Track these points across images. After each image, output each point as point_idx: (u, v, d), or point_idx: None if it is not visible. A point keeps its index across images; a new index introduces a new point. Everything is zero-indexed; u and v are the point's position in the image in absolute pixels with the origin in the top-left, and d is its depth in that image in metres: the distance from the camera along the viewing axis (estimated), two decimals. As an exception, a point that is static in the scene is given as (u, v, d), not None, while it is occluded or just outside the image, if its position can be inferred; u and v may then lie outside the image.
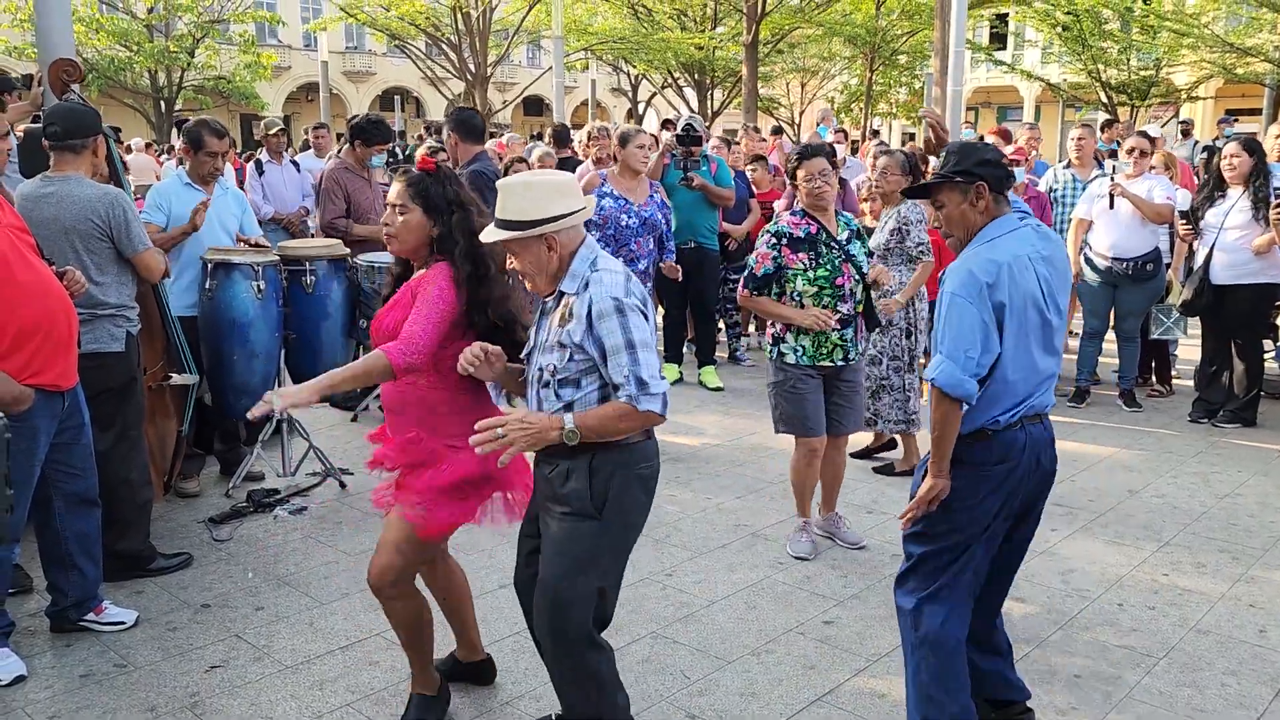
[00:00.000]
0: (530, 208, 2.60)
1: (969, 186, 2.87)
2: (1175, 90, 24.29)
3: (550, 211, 2.60)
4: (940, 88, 14.83)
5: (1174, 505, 5.18)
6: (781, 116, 31.07)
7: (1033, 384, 2.86)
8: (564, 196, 2.64)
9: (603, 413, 2.58)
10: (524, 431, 2.54)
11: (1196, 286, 6.49)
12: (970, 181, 2.87)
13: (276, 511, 5.01)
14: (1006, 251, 2.80)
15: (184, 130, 5.35)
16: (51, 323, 3.37)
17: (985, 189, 2.86)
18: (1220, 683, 3.45)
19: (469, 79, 23.50)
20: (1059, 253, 2.93)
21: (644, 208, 5.98)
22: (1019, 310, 2.78)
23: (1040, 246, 2.87)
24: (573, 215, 2.63)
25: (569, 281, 2.65)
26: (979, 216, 2.89)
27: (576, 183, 2.79)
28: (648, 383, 2.55)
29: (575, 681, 2.76)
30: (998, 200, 2.89)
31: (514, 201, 2.63)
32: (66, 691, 3.37)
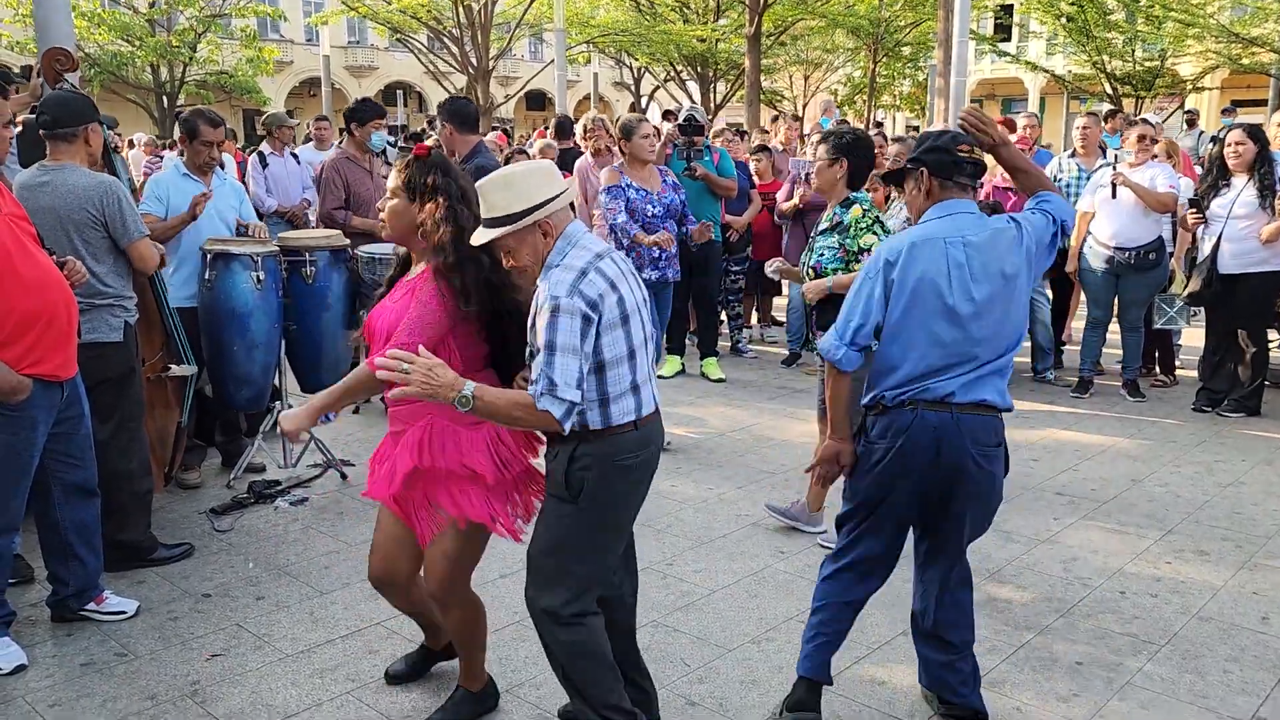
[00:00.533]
0: (518, 199, 2.58)
1: (914, 172, 3.00)
2: (1180, 81, 24.20)
3: (539, 197, 2.59)
4: (944, 79, 14.79)
5: (1177, 494, 5.16)
6: (784, 109, 31.03)
7: (926, 366, 2.84)
8: (548, 181, 2.63)
9: (507, 396, 2.57)
10: (426, 379, 2.48)
11: (1205, 277, 6.46)
12: (915, 167, 2.99)
13: (277, 502, 5.02)
14: (924, 232, 2.90)
15: (180, 120, 5.35)
16: (52, 313, 3.36)
17: (925, 173, 2.96)
18: (1222, 669, 3.44)
19: (471, 73, 23.49)
20: (997, 240, 2.88)
21: (663, 195, 6.16)
22: (910, 289, 2.84)
23: (970, 232, 2.88)
24: (560, 197, 2.62)
25: (543, 272, 2.63)
26: (924, 201, 2.99)
27: (554, 167, 2.72)
28: (556, 385, 2.49)
29: (553, 655, 2.78)
30: (943, 185, 2.95)
31: (499, 197, 2.60)
32: (67, 680, 3.37)
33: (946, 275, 2.82)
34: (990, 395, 2.88)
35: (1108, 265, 6.76)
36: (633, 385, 2.67)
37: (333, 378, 5.40)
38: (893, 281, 2.85)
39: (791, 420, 6.54)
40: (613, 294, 2.60)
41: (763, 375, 7.86)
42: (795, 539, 4.58)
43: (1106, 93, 23.71)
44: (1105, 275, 6.82)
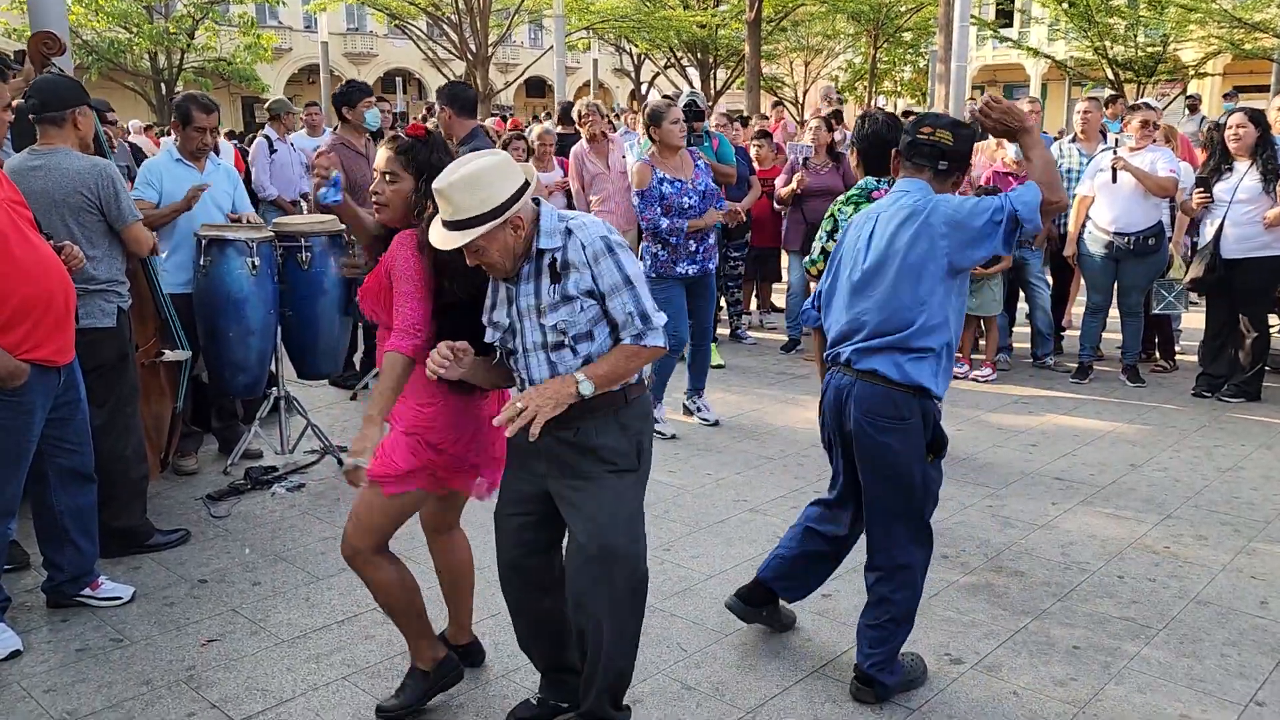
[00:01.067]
0: (489, 197, 2.51)
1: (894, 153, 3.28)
2: (1182, 66, 24.08)
3: (507, 194, 2.52)
4: (945, 65, 14.72)
5: (1176, 479, 5.15)
6: (785, 95, 30.90)
7: (838, 331, 3.15)
8: (509, 175, 2.56)
9: (611, 359, 2.59)
10: (542, 397, 2.53)
11: (1208, 262, 6.42)
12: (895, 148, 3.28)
13: (274, 488, 5.01)
14: (873, 207, 3.19)
15: (173, 105, 5.32)
16: (49, 298, 3.35)
17: (895, 154, 3.26)
18: (1220, 653, 3.43)
19: (470, 59, 23.39)
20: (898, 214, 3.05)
21: (697, 182, 5.73)
22: (838, 257, 3.22)
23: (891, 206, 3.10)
24: (527, 189, 2.56)
25: (546, 239, 2.60)
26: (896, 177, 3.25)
27: (509, 158, 2.64)
28: (650, 316, 2.60)
29: (632, 638, 2.77)
30: (902, 165, 3.19)
31: (467, 198, 2.51)
32: (62, 665, 3.37)
33: (854, 246, 3.14)
34: (883, 366, 3.01)
35: (1107, 251, 6.73)
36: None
37: (329, 364, 5.42)
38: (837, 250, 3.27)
39: (790, 406, 6.52)
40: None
41: (762, 361, 7.84)
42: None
43: (1108, 78, 23.59)
44: (1105, 260, 6.79)
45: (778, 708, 3.11)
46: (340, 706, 3.12)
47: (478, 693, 3.23)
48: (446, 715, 3.11)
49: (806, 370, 7.46)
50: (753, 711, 3.10)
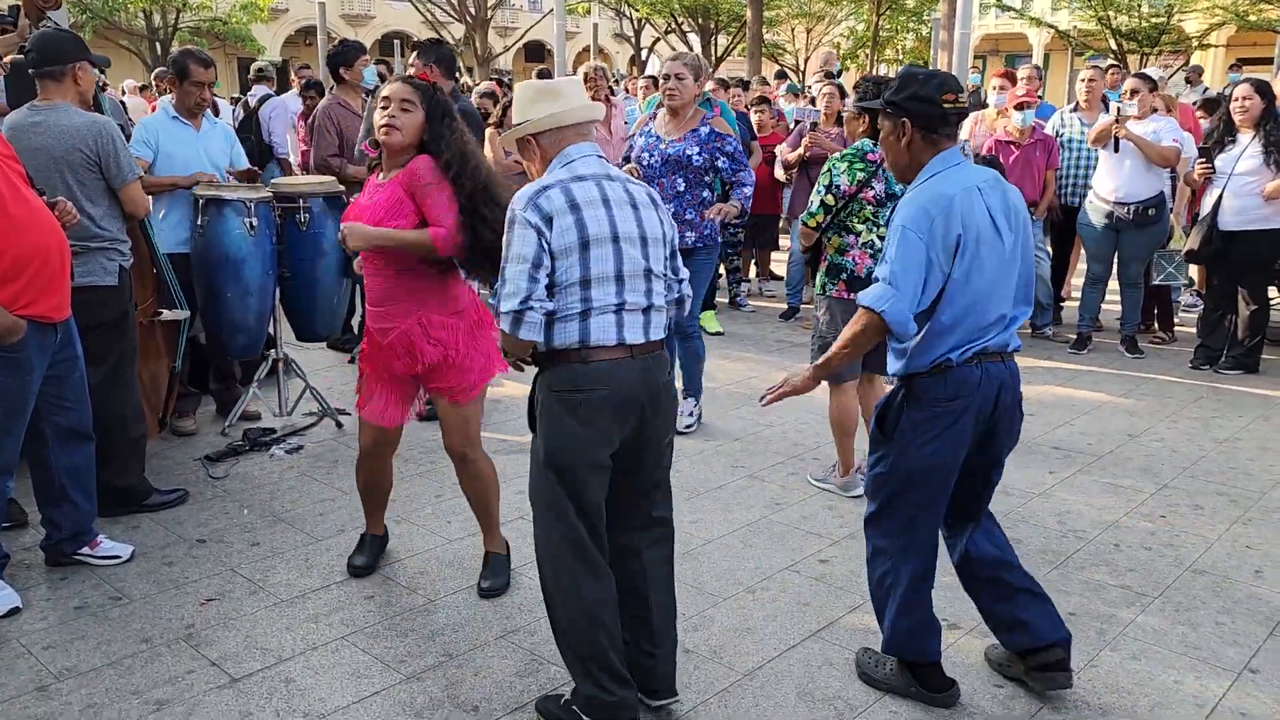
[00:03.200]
0: (519, 111, 2.78)
1: (896, 120, 2.82)
2: (1186, 38, 23.90)
3: (526, 115, 2.75)
4: (947, 33, 14.59)
5: (1173, 449, 5.16)
6: (786, 63, 30.67)
7: (986, 319, 2.78)
8: (542, 100, 2.75)
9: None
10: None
11: (1205, 233, 6.40)
12: (897, 115, 2.81)
13: (273, 450, 5.01)
14: (954, 184, 2.75)
15: (170, 60, 5.25)
16: (45, 254, 3.32)
17: (907, 126, 2.79)
18: (1215, 621, 3.46)
19: (469, 22, 23.18)
20: (996, 182, 2.85)
21: (673, 144, 5.16)
22: (970, 244, 2.72)
23: (978, 180, 2.81)
24: (543, 119, 2.72)
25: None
26: (903, 151, 2.84)
27: (570, 86, 2.83)
28: (501, 300, 2.61)
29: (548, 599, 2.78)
30: (927, 139, 2.80)
31: (515, 106, 2.82)
32: (61, 623, 3.38)
33: (991, 222, 2.75)
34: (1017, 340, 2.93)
35: (1108, 220, 6.71)
36: (582, 313, 2.63)
37: (327, 326, 5.39)
38: (957, 237, 2.70)
39: (787, 373, 6.51)
40: (569, 215, 2.60)
41: (760, 329, 7.83)
42: (791, 491, 4.58)
43: (1111, 49, 23.42)
44: (1105, 231, 6.77)
45: (775, 671, 3.13)
46: (339, 666, 3.14)
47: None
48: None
49: (805, 339, 7.43)
50: (750, 674, 3.11)
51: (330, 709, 2.92)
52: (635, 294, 2.69)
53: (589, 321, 2.64)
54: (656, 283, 2.75)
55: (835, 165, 4.34)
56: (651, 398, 2.72)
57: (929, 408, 2.80)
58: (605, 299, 2.65)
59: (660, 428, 2.79)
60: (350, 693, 3.00)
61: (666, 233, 2.80)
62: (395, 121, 3.26)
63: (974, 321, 2.76)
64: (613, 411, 2.66)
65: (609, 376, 2.65)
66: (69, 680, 3.04)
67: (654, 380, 2.73)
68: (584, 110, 2.77)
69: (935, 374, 2.79)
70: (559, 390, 2.67)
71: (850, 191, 4.30)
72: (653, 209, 2.78)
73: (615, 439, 2.70)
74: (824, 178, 4.36)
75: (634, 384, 2.68)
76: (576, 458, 2.66)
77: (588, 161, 2.72)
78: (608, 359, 2.65)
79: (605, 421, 2.66)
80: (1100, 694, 3.02)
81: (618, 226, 2.66)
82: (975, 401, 2.79)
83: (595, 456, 2.68)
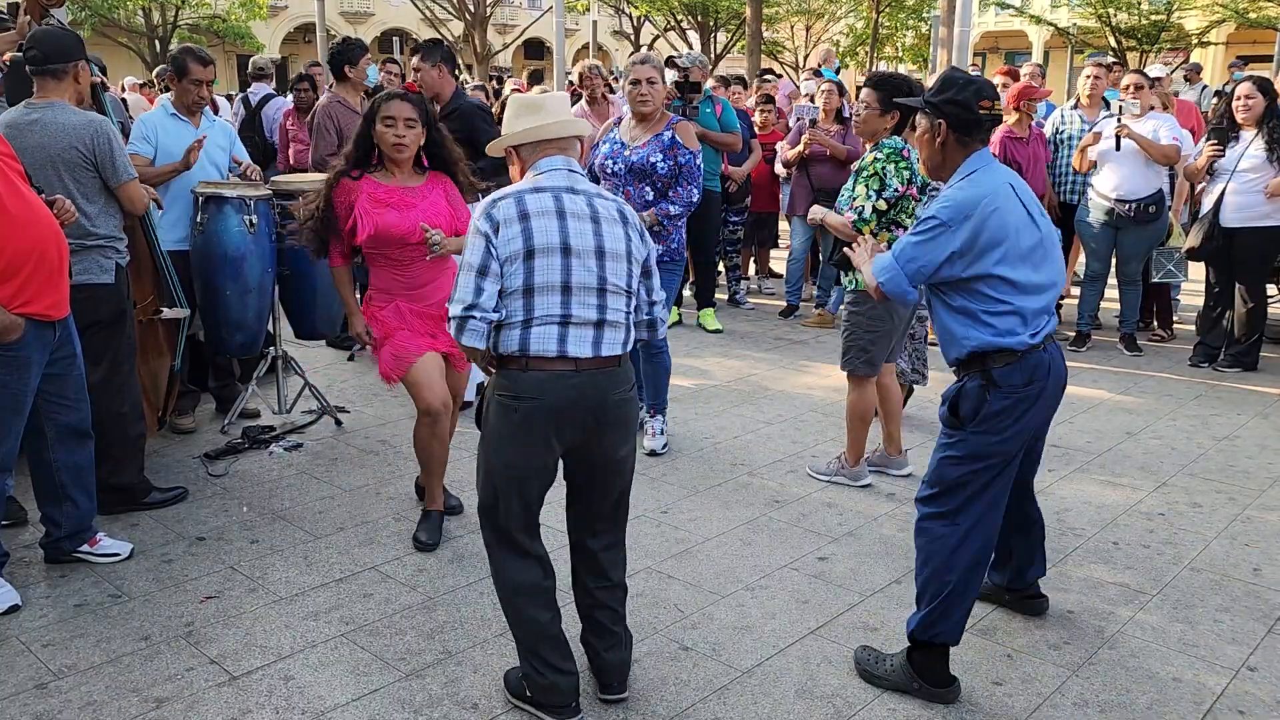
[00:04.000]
0: (506, 124, 2.93)
1: (933, 120, 2.95)
2: (1186, 35, 23.90)
3: (510, 129, 2.90)
4: (947, 30, 14.58)
5: (1172, 447, 5.16)
6: (785, 60, 30.65)
7: (1042, 304, 2.92)
8: (525, 114, 2.88)
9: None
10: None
11: (1206, 230, 6.40)
12: (935, 115, 2.95)
13: (272, 448, 5.00)
14: (990, 182, 2.88)
15: (169, 58, 5.25)
16: (42, 251, 3.32)
17: (943, 127, 2.92)
18: (1213, 619, 3.46)
19: (468, 19, 23.15)
20: (1017, 178, 3.01)
21: (637, 150, 4.83)
22: (1013, 235, 2.84)
23: (1012, 175, 2.98)
24: (520, 133, 2.86)
25: None
26: (936, 151, 2.97)
27: (553, 102, 2.94)
28: (453, 299, 2.69)
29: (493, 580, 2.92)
30: (960, 141, 2.92)
31: (505, 119, 2.96)
32: (61, 620, 3.38)
33: (1026, 214, 2.89)
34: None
35: (1107, 218, 6.71)
36: (524, 321, 2.67)
37: (327, 324, 5.40)
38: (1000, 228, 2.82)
39: (788, 371, 6.52)
40: (518, 224, 2.67)
41: (760, 327, 7.83)
42: (790, 489, 4.58)
43: (1111, 46, 23.41)
44: (1104, 228, 6.77)
45: (774, 668, 3.14)
46: (338, 663, 3.14)
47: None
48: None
49: (805, 336, 7.46)
50: (749, 672, 3.12)
51: (329, 706, 2.92)
52: (584, 307, 2.69)
53: (530, 331, 2.67)
54: (614, 298, 2.74)
55: (882, 168, 4.24)
56: (597, 414, 2.72)
57: (1009, 395, 2.90)
58: (549, 309, 2.66)
59: (610, 446, 2.79)
60: (349, 690, 3.00)
61: (634, 250, 2.80)
62: (404, 140, 3.82)
63: (1035, 305, 2.90)
64: (549, 422, 2.68)
65: (546, 388, 2.67)
66: (68, 678, 3.05)
67: (602, 397, 2.71)
68: (560, 126, 2.85)
69: (1009, 360, 2.89)
70: (500, 394, 2.73)
71: (903, 191, 4.28)
72: (619, 225, 2.78)
73: (555, 447, 2.74)
74: (869, 182, 4.22)
75: (574, 398, 2.68)
76: (509, 460, 2.73)
77: (554, 175, 2.79)
78: (546, 370, 2.67)
79: (540, 431, 2.69)
80: (1098, 692, 3.03)
81: (570, 239, 2.68)
82: (1049, 385, 2.95)
83: (529, 463, 2.73)
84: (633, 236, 2.80)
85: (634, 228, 2.83)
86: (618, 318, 2.75)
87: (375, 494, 4.48)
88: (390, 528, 4.12)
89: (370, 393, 5.98)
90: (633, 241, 2.80)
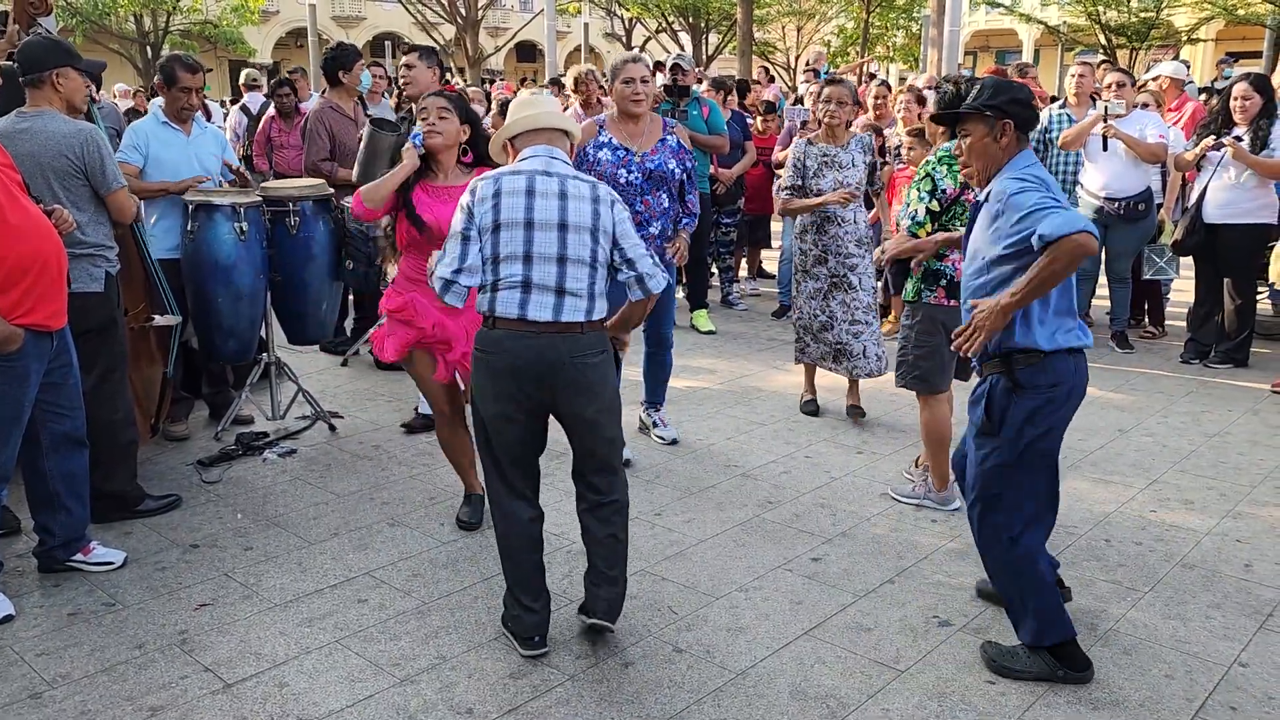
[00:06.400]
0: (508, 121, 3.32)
1: (996, 122, 3.01)
2: (1175, 32, 23.97)
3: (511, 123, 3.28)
4: (938, 30, 14.64)
5: (1163, 444, 5.18)
6: (777, 61, 30.69)
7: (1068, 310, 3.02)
8: (520, 110, 3.29)
9: None
10: None
11: (1189, 225, 6.44)
12: (999, 117, 3.01)
13: (265, 454, 5.00)
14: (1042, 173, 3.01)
15: (158, 66, 5.25)
16: (43, 262, 3.32)
17: (1010, 127, 3.00)
18: (1205, 615, 3.47)
19: (460, 23, 23.16)
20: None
21: (649, 157, 4.69)
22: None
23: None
24: (512, 124, 3.27)
25: None
26: (1000, 152, 3.04)
27: (544, 101, 3.34)
28: (441, 266, 3.05)
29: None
30: (1019, 140, 3.03)
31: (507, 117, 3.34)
32: (55, 629, 3.38)
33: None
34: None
35: (1096, 216, 6.73)
36: (492, 284, 3.06)
37: (319, 330, 5.39)
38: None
39: (780, 372, 6.54)
40: (490, 200, 3.07)
41: (752, 327, 7.84)
42: (783, 490, 4.59)
43: (1101, 44, 23.48)
44: (1094, 226, 6.77)
45: (768, 669, 3.14)
46: (334, 670, 3.14)
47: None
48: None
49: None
50: (743, 674, 3.12)
51: (325, 713, 2.92)
52: (544, 275, 3.04)
53: (497, 294, 3.06)
54: (575, 268, 3.07)
55: (934, 170, 4.20)
56: (555, 372, 3.04)
57: (1038, 395, 2.96)
58: (511, 275, 3.04)
59: (578, 405, 3.10)
60: (345, 696, 3.00)
61: (602, 224, 3.12)
62: (436, 128, 3.90)
63: (1073, 307, 3.03)
64: (510, 376, 3.05)
65: (505, 346, 3.05)
66: (62, 687, 3.04)
67: (559, 357, 3.04)
68: (546, 117, 3.26)
69: (1034, 364, 2.95)
70: (478, 348, 3.13)
71: (954, 194, 4.17)
72: (588, 203, 3.11)
73: (522, 401, 3.09)
74: (922, 184, 4.18)
75: (531, 358, 3.03)
76: (486, 408, 3.13)
77: (533, 160, 3.17)
78: (505, 330, 3.05)
79: (505, 383, 3.06)
80: (1091, 689, 3.04)
81: (535, 214, 3.05)
82: (1076, 385, 3.00)
83: (500, 409, 3.10)
84: (602, 212, 3.13)
85: (605, 204, 3.15)
86: (578, 287, 3.07)
87: (369, 499, 4.48)
88: (384, 533, 4.12)
89: (364, 398, 5.98)
90: (601, 217, 3.12)
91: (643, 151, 4.71)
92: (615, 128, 4.76)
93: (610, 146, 4.71)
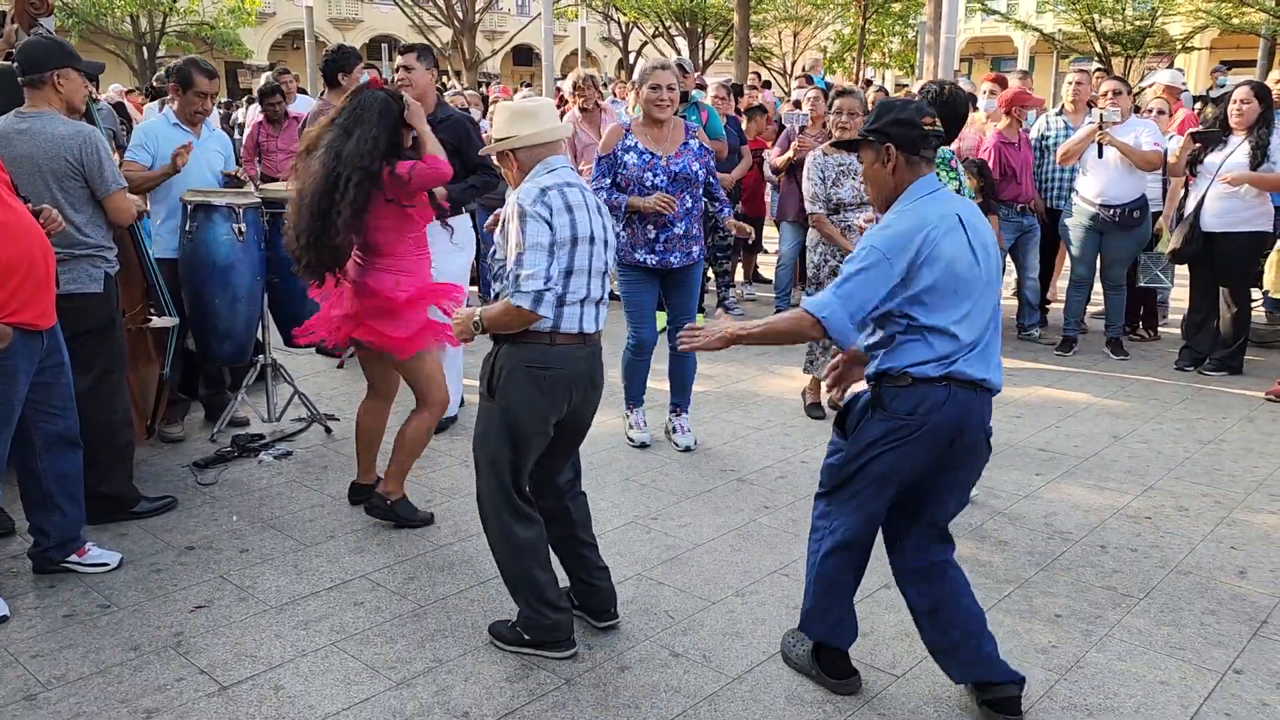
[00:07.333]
0: (501, 128, 3.19)
1: (879, 146, 2.83)
2: (1170, 40, 24.07)
3: (509, 133, 3.17)
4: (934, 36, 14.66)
5: (1158, 451, 5.20)
6: (773, 66, 30.74)
7: (958, 345, 2.75)
8: (520, 120, 3.16)
9: (498, 308, 3.05)
10: (457, 319, 3.23)
11: (1186, 233, 6.46)
12: (881, 141, 2.83)
13: (261, 456, 5.00)
14: (936, 210, 2.76)
15: (174, 69, 5.24)
16: (30, 261, 3.32)
17: (892, 150, 2.81)
18: (1200, 622, 3.48)
19: (456, 26, 23.16)
20: (976, 212, 2.89)
21: (674, 161, 4.89)
22: (945, 267, 2.70)
23: (961, 205, 2.84)
24: (527, 136, 3.14)
25: (512, 193, 3.12)
26: (888, 177, 2.85)
27: (544, 109, 3.22)
28: (521, 280, 2.97)
29: (491, 542, 3.26)
30: (910, 161, 2.82)
31: (496, 124, 3.23)
32: (49, 631, 3.37)
33: (971, 253, 2.75)
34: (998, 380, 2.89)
35: (1092, 223, 6.75)
36: (559, 299, 3.04)
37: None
38: (931, 258, 2.69)
39: (776, 377, 6.54)
40: (565, 214, 3.03)
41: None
42: (780, 494, 4.60)
43: (1096, 51, 23.56)
44: (1088, 233, 6.81)
45: (764, 674, 3.15)
46: (329, 672, 3.14)
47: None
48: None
49: (793, 341, 7.46)
50: (739, 678, 3.13)
51: (320, 716, 2.92)
52: (596, 289, 3.15)
53: (563, 309, 3.06)
54: (606, 280, 3.21)
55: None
56: (593, 381, 3.21)
57: (890, 419, 2.79)
58: (579, 291, 3.08)
59: (593, 410, 3.28)
60: (340, 699, 3.00)
61: (609, 238, 3.23)
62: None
63: (945, 345, 2.74)
64: (566, 388, 3.12)
65: (567, 359, 3.10)
66: (57, 689, 3.04)
67: (597, 365, 3.22)
68: (559, 130, 3.24)
69: (900, 383, 2.77)
70: (531, 365, 3.07)
71: None
72: (602, 215, 3.20)
73: (564, 410, 3.16)
74: None
75: (582, 369, 3.15)
76: (532, 423, 3.10)
77: (564, 172, 3.16)
78: (566, 344, 3.09)
79: (560, 396, 3.12)
80: (1086, 695, 3.05)
81: (593, 229, 3.11)
82: (933, 423, 2.75)
83: (547, 423, 3.13)
84: (608, 224, 3.23)
85: (607, 214, 3.27)
86: (605, 296, 3.23)
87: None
88: (380, 535, 4.12)
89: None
90: (609, 230, 3.23)
91: (668, 155, 4.93)
92: (641, 132, 4.97)
93: (636, 150, 4.90)
